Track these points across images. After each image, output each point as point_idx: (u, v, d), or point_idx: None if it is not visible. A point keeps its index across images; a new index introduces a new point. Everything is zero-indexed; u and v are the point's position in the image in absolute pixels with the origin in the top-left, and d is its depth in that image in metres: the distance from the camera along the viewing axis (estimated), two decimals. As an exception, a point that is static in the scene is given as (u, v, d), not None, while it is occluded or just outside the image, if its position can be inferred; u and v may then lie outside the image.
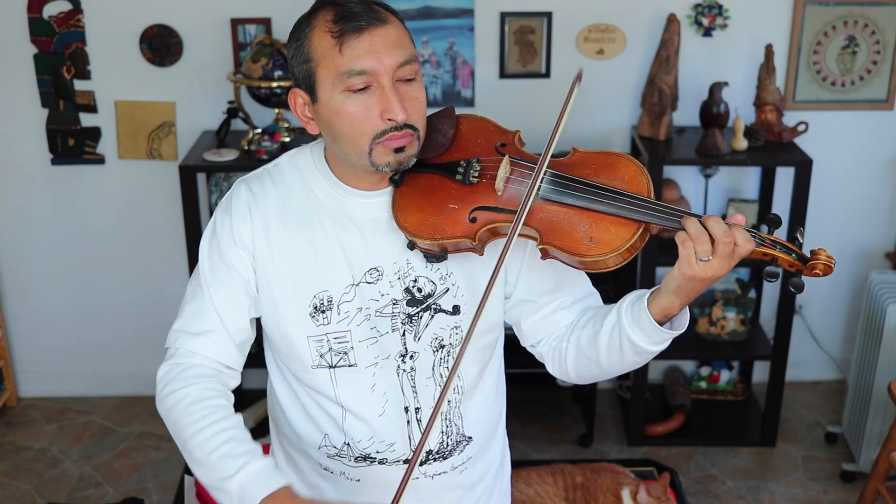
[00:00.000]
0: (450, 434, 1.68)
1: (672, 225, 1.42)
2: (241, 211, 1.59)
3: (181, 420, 1.52)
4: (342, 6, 1.46)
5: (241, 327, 1.60)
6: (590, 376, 1.61)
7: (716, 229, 1.38)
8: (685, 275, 1.39)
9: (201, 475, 1.50)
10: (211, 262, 1.60)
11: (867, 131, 3.52)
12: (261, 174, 1.63)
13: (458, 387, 1.66)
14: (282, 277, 1.58)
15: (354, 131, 1.47)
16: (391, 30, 1.47)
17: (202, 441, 1.49)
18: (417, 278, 1.58)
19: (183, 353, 1.59)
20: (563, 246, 1.44)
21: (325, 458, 1.69)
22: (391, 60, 1.45)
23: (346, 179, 1.57)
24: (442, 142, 1.58)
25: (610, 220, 1.44)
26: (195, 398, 1.53)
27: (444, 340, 1.62)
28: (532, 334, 1.64)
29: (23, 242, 3.61)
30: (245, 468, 1.44)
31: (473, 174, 1.53)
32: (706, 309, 3.48)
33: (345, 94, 1.46)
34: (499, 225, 1.49)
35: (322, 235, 1.57)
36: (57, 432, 3.57)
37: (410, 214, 1.53)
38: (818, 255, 1.42)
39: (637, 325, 1.47)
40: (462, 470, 1.71)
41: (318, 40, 1.47)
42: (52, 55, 3.36)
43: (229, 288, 1.58)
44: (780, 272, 1.41)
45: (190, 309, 1.60)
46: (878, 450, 3.15)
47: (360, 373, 1.61)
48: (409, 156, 1.51)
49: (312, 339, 1.59)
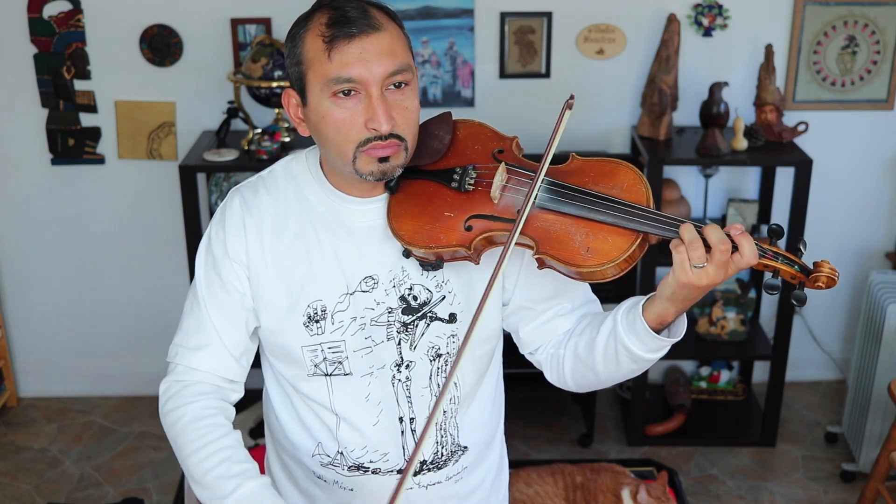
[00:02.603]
0: (445, 444, 1.66)
1: (670, 235, 1.39)
2: (235, 223, 1.58)
3: (179, 438, 1.54)
4: (338, 10, 1.44)
5: (238, 341, 1.60)
6: (587, 384, 1.59)
7: (712, 236, 1.34)
8: (679, 282, 1.37)
9: (199, 493, 1.51)
10: (207, 276, 1.59)
11: (867, 131, 3.52)
12: (255, 182, 1.62)
13: (454, 396, 1.64)
14: (276, 287, 1.57)
15: (340, 138, 1.46)
16: (384, 37, 1.44)
17: (199, 461, 1.50)
18: (413, 286, 1.56)
19: (183, 370, 1.59)
20: (559, 256, 1.42)
21: (318, 466, 1.68)
22: (381, 69, 1.42)
23: (341, 186, 1.56)
24: (438, 148, 1.55)
25: (608, 230, 1.41)
26: (193, 417, 1.54)
27: (441, 349, 1.60)
28: (530, 342, 1.63)
29: (23, 242, 3.61)
30: (239, 489, 1.45)
31: (469, 182, 1.51)
32: (706, 309, 3.48)
33: (332, 99, 1.44)
34: (494, 234, 1.47)
35: (316, 244, 1.56)
36: (57, 432, 3.57)
37: (405, 222, 1.51)
38: (821, 268, 1.37)
39: (633, 333, 1.45)
40: (457, 480, 1.69)
41: (311, 44, 1.45)
42: (52, 55, 3.36)
43: (225, 302, 1.58)
44: (780, 285, 1.37)
45: (188, 324, 1.61)
46: (878, 450, 3.15)
47: (355, 382, 1.60)
48: (395, 166, 1.48)
49: (307, 349, 1.58)
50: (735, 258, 1.35)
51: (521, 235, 1.45)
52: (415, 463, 1.42)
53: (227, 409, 1.60)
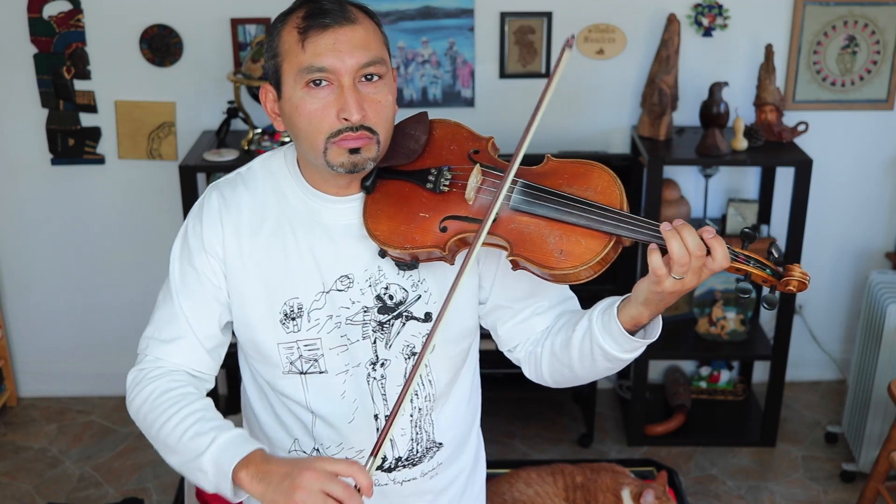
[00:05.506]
0: (420, 441, 1.66)
1: (644, 238, 1.39)
2: (212, 218, 1.58)
3: (150, 414, 1.51)
4: (315, 3, 1.46)
5: (210, 333, 1.59)
6: (565, 381, 1.60)
7: (690, 242, 1.34)
8: (654, 289, 1.38)
9: (176, 462, 1.48)
10: (181, 268, 1.60)
11: (867, 131, 3.52)
12: (233, 179, 1.62)
13: (429, 394, 1.65)
14: (252, 284, 1.57)
15: (311, 129, 1.46)
16: (358, 30, 1.45)
17: (172, 428, 1.47)
18: (389, 285, 1.57)
19: (151, 360, 1.58)
20: (532, 258, 1.42)
21: None
22: (353, 60, 1.43)
23: (317, 184, 1.56)
24: (414, 148, 1.55)
25: (581, 233, 1.42)
26: (162, 390, 1.52)
27: (416, 348, 1.60)
28: (508, 339, 1.64)
29: (23, 242, 3.61)
30: (215, 441, 1.42)
31: (444, 183, 1.51)
32: (706, 309, 3.48)
33: (305, 90, 1.45)
34: (469, 235, 1.47)
35: (293, 242, 1.56)
36: (57, 432, 3.57)
37: (381, 222, 1.51)
38: (792, 272, 1.38)
39: (608, 334, 1.46)
40: (432, 476, 1.70)
41: (286, 36, 1.47)
42: (52, 55, 3.36)
43: (199, 294, 1.58)
44: (752, 288, 1.38)
45: (160, 315, 1.60)
46: (878, 450, 3.15)
47: (330, 380, 1.60)
48: (366, 158, 1.48)
49: (283, 346, 1.58)
50: (707, 261, 1.35)
51: (496, 237, 1.46)
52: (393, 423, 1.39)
53: (195, 383, 1.57)
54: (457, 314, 1.59)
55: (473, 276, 1.61)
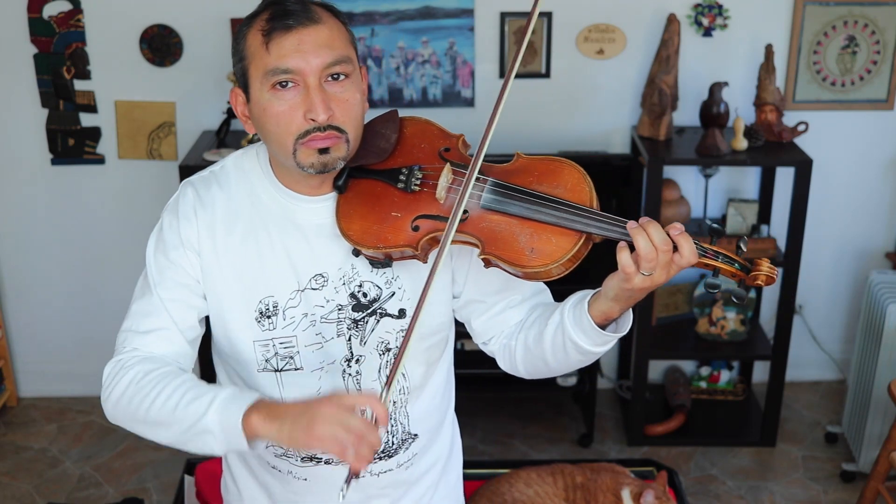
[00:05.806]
0: (395, 433, 1.68)
1: (614, 235, 1.40)
2: (188, 213, 1.59)
3: (136, 396, 1.48)
4: (279, 5, 1.46)
5: (191, 324, 1.59)
6: (539, 373, 1.62)
7: (656, 238, 1.36)
8: (623, 285, 1.39)
9: (174, 435, 1.46)
10: (157, 261, 1.59)
11: (867, 131, 3.52)
12: (207, 177, 1.63)
13: (403, 387, 1.66)
14: (228, 282, 1.57)
15: (280, 130, 1.46)
16: (322, 30, 1.45)
17: (163, 402, 1.45)
18: (363, 283, 1.58)
19: (129, 351, 1.56)
20: (504, 256, 1.44)
21: (272, 457, 1.69)
22: (318, 60, 1.44)
23: (289, 184, 1.57)
24: (385, 147, 1.56)
25: (551, 231, 1.43)
26: (145, 372, 1.50)
27: (390, 343, 1.62)
28: (483, 332, 1.65)
29: (23, 242, 3.61)
30: (216, 399, 1.41)
31: (415, 182, 1.52)
32: (706, 309, 3.48)
33: (271, 92, 1.45)
34: (440, 234, 1.48)
35: (267, 240, 1.57)
36: (57, 432, 3.57)
37: (354, 222, 1.52)
38: (760, 266, 1.40)
39: (579, 328, 1.47)
40: (407, 466, 1.72)
41: (251, 39, 1.47)
42: (52, 55, 3.36)
43: (178, 286, 1.57)
44: (720, 284, 1.40)
45: (137, 308, 1.59)
46: (878, 450, 3.15)
47: (306, 376, 1.61)
48: (335, 158, 1.48)
49: (258, 344, 1.59)
50: (675, 258, 1.37)
51: (467, 235, 1.47)
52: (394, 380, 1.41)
53: (172, 363, 1.55)
54: (431, 309, 1.60)
55: (447, 272, 1.62)
